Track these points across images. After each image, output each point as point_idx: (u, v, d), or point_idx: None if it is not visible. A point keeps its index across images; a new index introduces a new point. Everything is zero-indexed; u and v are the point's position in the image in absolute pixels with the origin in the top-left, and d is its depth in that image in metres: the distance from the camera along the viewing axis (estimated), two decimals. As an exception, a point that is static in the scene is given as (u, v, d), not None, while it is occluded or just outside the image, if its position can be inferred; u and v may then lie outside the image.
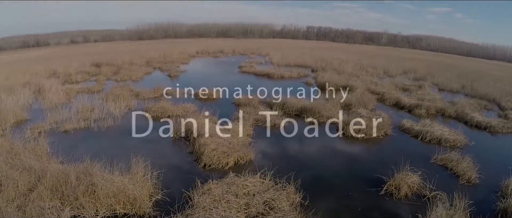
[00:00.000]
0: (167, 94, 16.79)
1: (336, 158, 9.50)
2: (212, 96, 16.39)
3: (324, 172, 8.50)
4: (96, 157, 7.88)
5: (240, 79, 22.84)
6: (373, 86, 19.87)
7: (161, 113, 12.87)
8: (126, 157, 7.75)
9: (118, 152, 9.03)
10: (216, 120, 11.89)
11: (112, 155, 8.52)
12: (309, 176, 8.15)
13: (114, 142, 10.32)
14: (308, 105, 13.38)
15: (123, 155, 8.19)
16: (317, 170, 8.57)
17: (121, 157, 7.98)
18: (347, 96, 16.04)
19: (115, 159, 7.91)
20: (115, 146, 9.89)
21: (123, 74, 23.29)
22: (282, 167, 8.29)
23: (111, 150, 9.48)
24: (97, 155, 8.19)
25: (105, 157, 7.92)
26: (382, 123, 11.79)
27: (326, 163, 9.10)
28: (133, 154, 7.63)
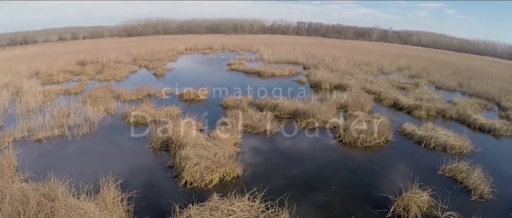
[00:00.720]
0: (151, 95, 15.73)
1: (335, 172, 8.43)
2: (198, 98, 15.23)
3: (323, 191, 7.44)
4: (66, 173, 7.02)
5: (229, 78, 21.78)
6: (368, 85, 18.95)
7: (141, 118, 11.75)
8: (98, 174, 6.82)
9: (91, 167, 8.03)
10: (201, 126, 10.87)
11: (83, 170, 7.67)
12: (305, 197, 7.12)
13: (88, 154, 9.16)
14: (301, 108, 12.35)
15: (95, 170, 7.31)
16: (314, 189, 7.52)
17: (93, 174, 7.12)
18: (341, 96, 15.15)
19: (85, 177, 7.01)
20: (88, 159, 8.75)
21: (107, 73, 22.05)
22: (274, 186, 7.33)
23: (83, 163, 8.38)
24: (66, 170, 7.34)
25: (75, 173, 7.11)
26: (382, 127, 10.86)
27: (324, 179, 8.02)
28: (106, 169, 6.77)
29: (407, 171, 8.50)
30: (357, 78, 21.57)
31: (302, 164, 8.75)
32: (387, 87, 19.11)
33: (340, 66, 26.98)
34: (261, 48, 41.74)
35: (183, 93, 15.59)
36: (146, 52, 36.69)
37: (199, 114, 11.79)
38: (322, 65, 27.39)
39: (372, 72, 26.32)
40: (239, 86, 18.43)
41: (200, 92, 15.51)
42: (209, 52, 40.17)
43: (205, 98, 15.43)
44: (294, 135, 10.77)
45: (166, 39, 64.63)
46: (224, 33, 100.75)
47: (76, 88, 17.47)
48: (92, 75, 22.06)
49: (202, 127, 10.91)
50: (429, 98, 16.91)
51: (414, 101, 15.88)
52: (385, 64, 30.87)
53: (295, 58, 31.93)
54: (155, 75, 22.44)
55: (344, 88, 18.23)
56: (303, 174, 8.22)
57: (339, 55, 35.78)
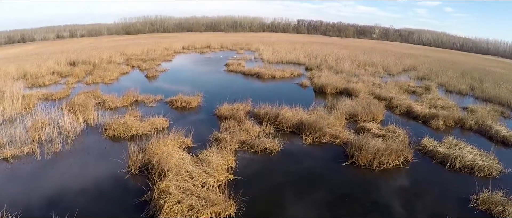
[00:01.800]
0: (138, 102, 14.27)
1: (351, 208, 6.89)
2: (190, 105, 13.68)
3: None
4: (23, 208, 5.97)
5: (226, 81, 20.32)
6: (377, 89, 17.48)
7: (123, 132, 10.24)
8: (61, 210, 5.83)
9: (53, 200, 6.62)
10: (189, 143, 9.34)
11: (44, 203, 6.42)
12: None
13: (54, 180, 7.63)
14: (306, 119, 10.78)
15: (58, 205, 6.25)
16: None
17: (54, 208, 5.98)
18: (350, 103, 13.68)
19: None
20: (52, 189, 7.24)
21: (96, 75, 20.54)
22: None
23: (44, 195, 6.89)
24: (25, 203, 6.32)
25: (35, 209, 6.00)
26: (400, 144, 9.38)
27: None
28: (70, 205, 5.78)
29: (434, 202, 7.06)
30: (364, 81, 20.07)
31: (309, 196, 7.17)
32: (397, 92, 17.68)
33: (344, 66, 25.50)
34: (261, 47, 40.31)
35: (173, 99, 14.05)
36: (142, 51, 35.35)
37: (188, 127, 10.30)
38: (325, 65, 25.90)
39: (378, 74, 24.86)
40: (236, 90, 17.04)
41: (192, 99, 13.95)
42: (207, 51, 38.66)
43: (198, 105, 13.91)
44: (299, 155, 9.22)
45: (164, 37, 63.20)
46: (223, 31, 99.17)
47: (60, 92, 15.98)
48: (81, 77, 20.60)
49: (191, 143, 9.36)
50: (444, 104, 15.46)
51: (428, 109, 14.46)
52: (390, 64, 29.39)
53: (296, 57, 30.45)
54: (147, 77, 20.92)
55: (351, 93, 16.77)
56: (311, 210, 6.70)
57: (342, 55, 34.30)
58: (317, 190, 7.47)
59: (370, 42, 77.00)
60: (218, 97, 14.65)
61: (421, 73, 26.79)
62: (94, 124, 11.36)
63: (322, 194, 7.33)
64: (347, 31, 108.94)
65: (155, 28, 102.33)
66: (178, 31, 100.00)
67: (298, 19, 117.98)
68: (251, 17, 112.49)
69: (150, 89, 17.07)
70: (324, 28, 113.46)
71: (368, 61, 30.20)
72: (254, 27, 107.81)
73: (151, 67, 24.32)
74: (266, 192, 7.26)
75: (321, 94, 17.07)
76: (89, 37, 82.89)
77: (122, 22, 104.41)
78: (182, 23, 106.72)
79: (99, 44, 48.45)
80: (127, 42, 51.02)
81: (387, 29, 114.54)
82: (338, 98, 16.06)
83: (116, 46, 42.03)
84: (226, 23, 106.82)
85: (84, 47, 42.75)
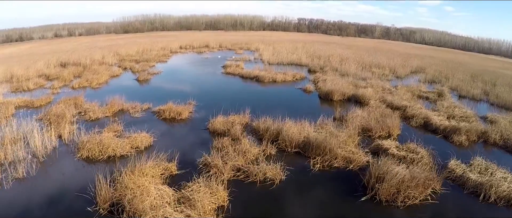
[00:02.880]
0: (123, 112, 12.75)
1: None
2: (179, 116, 12.09)
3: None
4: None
5: (222, 85, 18.79)
6: (388, 96, 15.94)
7: (98, 152, 8.68)
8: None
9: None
10: (173, 169, 7.76)
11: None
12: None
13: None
14: (313, 137, 9.17)
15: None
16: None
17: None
18: (361, 114, 12.15)
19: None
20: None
21: (85, 78, 19.05)
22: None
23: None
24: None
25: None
26: (425, 169, 7.86)
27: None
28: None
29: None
30: (373, 85, 18.52)
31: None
32: (409, 98, 16.18)
33: (349, 69, 23.95)
34: (261, 47, 38.79)
35: (161, 109, 12.44)
36: (137, 51, 33.85)
37: (175, 146, 8.81)
38: (330, 67, 24.37)
39: (386, 76, 23.35)
40: (233, 97, 15.63)
41: (182, 109, 12.34)
42: (205, 51, 37.07)
43: (189, 116, 12.31)
44: (307, 187, 7.56)
45: (162, 36, 61.57)
46: (223, 30, 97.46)
47: (42, 99, 14.45)
48: (68, 81, 19.05)
49: (175, 170, 7.79)
50: (462, 114, 13.91)
51: (447, 120, 12.94)
52: (397, 66, 27.80)
53: (298, 58, 28.92)
54: (138, 80, 19.36)
55: (360, 100, 15.25)
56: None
57: (346, 55, 32.78)
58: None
59: (372, 42, 75.34)
60: (213, 105, 13.17)
61: (430, 75, 25.27)
62: (68, 141, 9.80)
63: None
64: (348, 30, 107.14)
65: (154, 26, 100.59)
66: (177, 29, 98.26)
67: (299, 18, 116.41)
68: (251, 15, 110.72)
69: (139, 95, 15.61)
70: (325, 26, 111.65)
71: (374, 63, 28.61)
72: (254, 26, 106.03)
73: (143, 69, 22.79)
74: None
75: (327, 101, 15.52)
76: (87, 36, 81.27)
77: (120, 21, 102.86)
78: (181, 22, 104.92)
79: (94, 44, 46.89)
80: (124, 41, 49.37)
81: (388, 28, 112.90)
82: (346, 105, 14.66)
83: (111, 45, 40.47)
84: (226, 21, 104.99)
85: (79, 47, 41.26)
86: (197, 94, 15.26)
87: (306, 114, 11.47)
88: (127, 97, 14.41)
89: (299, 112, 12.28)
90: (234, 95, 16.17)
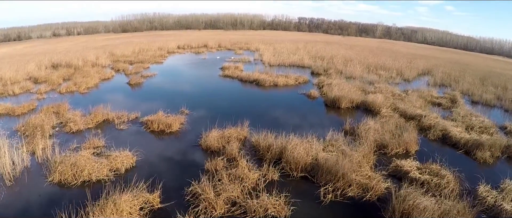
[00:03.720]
0: (109, 122, 11.48)
1: None
2: (169, 128, 10.75)
3: None
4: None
5: (220, 90, 17.48)
6: (399, 103, 14.65)
7: (72, 176, 7.34)
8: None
9: None
10: (155, 203, 6.38)
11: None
12: None
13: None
14: (322, 159, 7.86)
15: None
16: None
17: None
18: (374, 126, 10.86)
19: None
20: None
21: (74, 81, 17.83)
22: None
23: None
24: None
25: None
26: (456, 198, 6.61)
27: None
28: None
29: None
30: (381, 90, 17.22)
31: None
32: (421, 104, 14.95)
33: (354, 71, 22.66)
34: (261, 47, 37.48)
35: (150, 120, 11.09)
36: (133, 51, 32.62)
37: (160, 168, 7.60)
38: (334, 70, 23.07)
39: (393, 79, 22.07)
40: (231, 104, 14.39)
41: (173, 120, 10.99)
42: (203, 51, 35.68)
43: (179, 129, 10.94)
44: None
45: (160, 36, 60.27)
46: (222, 29, 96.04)
47: (24, 106, 13.20)
48: (56, 84, 17.80)
49: (157, 203, 6.42)
50: (481, 124, 12.56)
51: (467, 131, 11.69)
52: (403, 68, 26.50)
53: (300, 59, 27.61)
54: (129, 84, 18.06)
55: (370, 108, 13.96)
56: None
57: (349, 56, 31.43)
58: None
59: (375, 42, 73.93)
60: (207, 114, 11.99)
61: (438, 78, 23.98)
62: (42, 159, 8.50)
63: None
64: (349, 29, 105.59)
65: (153, 25, 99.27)
66: (177, 29, 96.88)
67: (299, 17, 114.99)
68: (251, 14, 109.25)
69: (128, 101, 14.43)
70: (326, 26, 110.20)
71: (379, 64, 27.27)
72: (254, 25, 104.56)
73: (137, 72, 21.52)
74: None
75: (334, 109, 14.20)
76: (85, 35, 79.99)
77: (119, 20, 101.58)
78: (180, 21, 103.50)
79: (91, 43, 45.62)
80: (121, 41, 48.05)
81: (389, 27, 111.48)
82: (355, 114, 13.41)
83: (107, 45, 39.22)
84: (226, 21, 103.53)
85: (74, 47, 40.02)
86: (191, 101, 14.00)
87: (312, 126, 10.25)
88: (116, 103, 13.21)
89: (304, 123, 11.09)
90: (231, 102, 14.89)
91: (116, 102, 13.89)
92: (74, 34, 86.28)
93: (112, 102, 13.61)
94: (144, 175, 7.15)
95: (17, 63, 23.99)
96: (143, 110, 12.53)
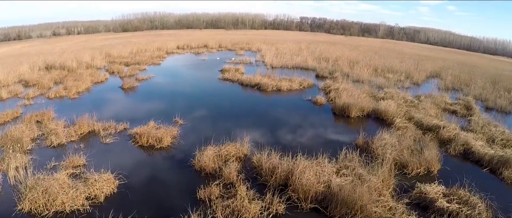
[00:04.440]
0: (94, 134, 10.37)
1: None
2: (159, 143, 9.56)
3: None
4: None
5: (218, 96, 16.29)
6: (414, 112, 13.47)
7: (43, 206, 6.24)
8: None
9: None
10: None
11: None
12: None
13: None
14: (336, 186, 6.64)
15: None
16: None
17: None
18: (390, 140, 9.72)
19: None
20: None
21: (65, 85, 16.80)
22: None
23: None
24: None
25: None
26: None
27: None
28: None
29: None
30: (392, 95, 16.03)
31: None
32: (437, 113, 13.84)
33: (361, 74, 21.53)
34: (263, 47, 36.35)
35: (139, 133, 9.90)
36: (130, 51, 31.55)
37: (145, 196, 6.51)
38: (340, 72, 21.92)
39: (402, 83, 20.93)
40: (229, 113, 13.29)
41: (164, 133, 9.79)
42: (203, 51, 34.54)
43: (171, 144, 9.74)
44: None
45: (160, 35, 59.20)
46: (224, 28, 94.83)
47: (8, 113, 12.18)
48: (46, 88, 16.85)
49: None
50: (502, 136, 11.36)
51: (489, 145, 10.56)
52: (411, 70, 25.33)
53: (304, 61, 26.46)
54: (122, 88, 16.94)
55: (382, 117, 12.82)
56: None
57: (354, 57, 30.18)
58: None
59: (378, 42, 72.62)
60: (203, 126, 10.92)
61: (448, 81, 22.88)
62: (14, 181, 7.36)
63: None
64: (351, 29, 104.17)
65: (154, 25, 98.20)
66: (177, 28, 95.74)
67: (301, 17, 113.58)
68: (252, 14, 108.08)
69: (118, 108, 13.38)
70: (328, 26, 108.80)
71: (386, 66, 26.09)
72: (256, 25, 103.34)
73: (132, 74, 20.43)
74: None
75: (343, 118, 13.04)
76: (85, 35, 78.95)
77: (120, 19, 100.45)
78: (181, 20, 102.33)
79: (89, 43, 44.52)
80: (119, 40, 46.84)
81: (392, 27, 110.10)
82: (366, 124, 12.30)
83: (105, 45, 38.09)
84: (227, 20, 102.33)
85: (72, 47, 38.96)
86: (187, 108, 12.94)
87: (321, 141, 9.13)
88: (105, 111, 12.25)
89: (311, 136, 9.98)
90: (231, 110, 13.73)
91: (105, 109, 12.86)
92: (74, 34, 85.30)
93: (101, 109, 12.62)
94: (125, 206, 6.07)
95: (11, 64, 22.98)
96: (134, 118, 11.46)
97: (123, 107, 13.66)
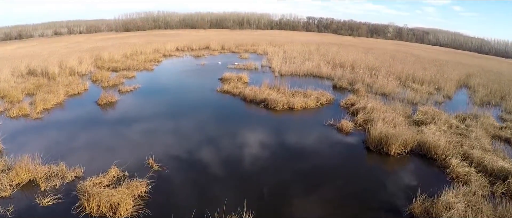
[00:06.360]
0: (31, 186, 7.28)
1: None
2: (117, 212, 6.25)
3: None
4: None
5: (213, 117, 13.14)
6: (467, 144, 10.31)
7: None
8: None
9: None
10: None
11: None
12: None
13: None
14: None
15: None
16: None
17: None
18: (458, 204, 6.59)
19: None
20: None
21: (35, 98, 13.87)
22: None
23: None
24: None
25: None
26: None
27: None
28: None
29: None
30: (432, 117, 12.82)
31: None
32: (489, 141, 10.75)
33: (386, 85, 18.29)
34: (269, 50, 33.24)
35: (87, 193, 6.49)
36: (124, 54, 28.48)
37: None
38: (361, 82, 18.72)
39: (432, 95, 17.88)
40: (226, 146, 10.18)
41: (125, 193, 6.52)
42: (204, 54, 31.37)
43: (132, 214, 6.44)
44: None
45: (161, 35, 56.10)
46: (228, 28, 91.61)
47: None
48: (15, 101, 14.00)
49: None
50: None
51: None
52: (437, 79, 22.13)
53: (317, 67, 23.31)
54: (98, 104, 13.84)
55: (431, 155, 9.59)
56: None
57: (371, 62, 26.84)
58: None
59: (390, 44, 68.99)
60: (187, 174, 7.80)
61: (481, 93, 19.81)
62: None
63: None
64: (359, 29, 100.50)
65: (157, 24, 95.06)
66: (181, 28, 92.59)
67: (308, 17, 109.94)
68: (258, 13, 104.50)
69: (81, 137, 10.38)
70: (335, 26, 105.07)
71: (409, 74, 22.83)
72: (261, 25, 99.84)
73: (117, 83, 17.40)
74: None
75: (381, 156, 9.71)
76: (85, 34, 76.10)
77: (122, 18, 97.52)
78: (185, 20, 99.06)
79: (85, 44, 41.15)
80: (117, 41, 43.40)
81: (400, 28, 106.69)
82: (410, 164, 9.12)
83: (100, 47, 34.89)
84: (232, 19, 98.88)
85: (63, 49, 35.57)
86: (169, 141, 9.99)
87: (357, 205, 5.94)
88: (62, 142, 9.22)
89: (343, 197, 6.82)
90: (227, 145, 10.27)
91: (63, 139, 9.84)
92: (76, 33, 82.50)
93: (59, 138, 9.58)
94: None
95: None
96: (95, 157, 8.45)
97: (87, 136, 10.43)
